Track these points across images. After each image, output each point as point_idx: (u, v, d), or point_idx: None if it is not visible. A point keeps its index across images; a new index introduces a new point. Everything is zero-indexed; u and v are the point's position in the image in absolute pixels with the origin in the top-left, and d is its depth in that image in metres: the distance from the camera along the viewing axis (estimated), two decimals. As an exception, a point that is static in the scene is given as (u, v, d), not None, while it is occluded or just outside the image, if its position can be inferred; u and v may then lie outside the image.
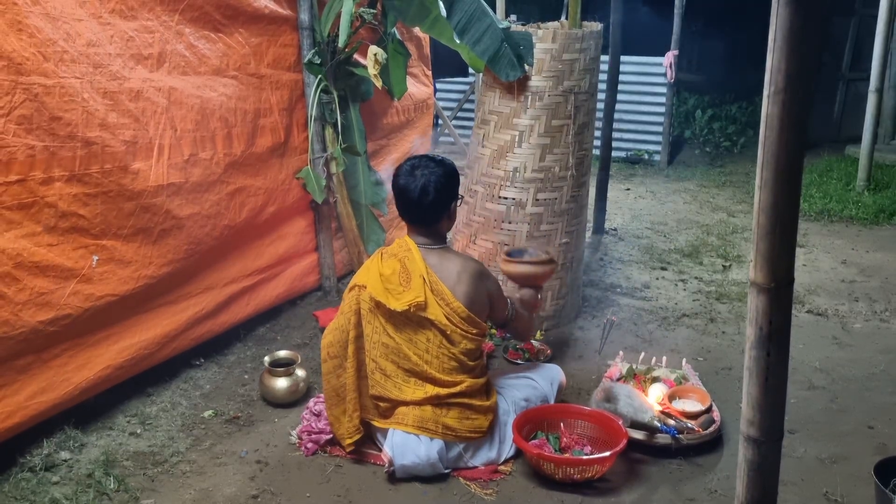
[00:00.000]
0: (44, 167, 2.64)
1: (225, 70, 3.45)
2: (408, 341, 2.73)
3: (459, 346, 2.74)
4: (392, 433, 2.75)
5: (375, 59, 3.74)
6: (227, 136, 3.44)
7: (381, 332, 2.74)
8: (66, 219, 2.74)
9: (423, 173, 2.77)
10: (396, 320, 2.72)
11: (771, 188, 1.45)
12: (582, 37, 3.65)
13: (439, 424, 2.72)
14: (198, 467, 2.79)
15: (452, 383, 2.74)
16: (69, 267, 2.76)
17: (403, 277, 2.75)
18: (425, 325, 2.72)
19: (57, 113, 2.66)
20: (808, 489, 2.68)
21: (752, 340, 1.55)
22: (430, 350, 2.73)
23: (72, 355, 2.85)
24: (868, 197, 6.39)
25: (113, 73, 2.88)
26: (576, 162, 3.77)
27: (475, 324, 2.78)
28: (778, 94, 1.39)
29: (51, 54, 2.63)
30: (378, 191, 4.34)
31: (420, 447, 2.70)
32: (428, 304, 2.70)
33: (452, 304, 2.72)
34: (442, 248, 2.84)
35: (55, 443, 2.81)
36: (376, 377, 2.76)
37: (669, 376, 3.26)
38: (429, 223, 2.82)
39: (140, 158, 3.00)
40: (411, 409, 2.73)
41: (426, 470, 2.71)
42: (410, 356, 2.72)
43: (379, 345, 2.75)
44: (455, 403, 2.74)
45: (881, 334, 3.96)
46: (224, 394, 3.31)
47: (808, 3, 1.35)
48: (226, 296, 3.57)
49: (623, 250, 5.27)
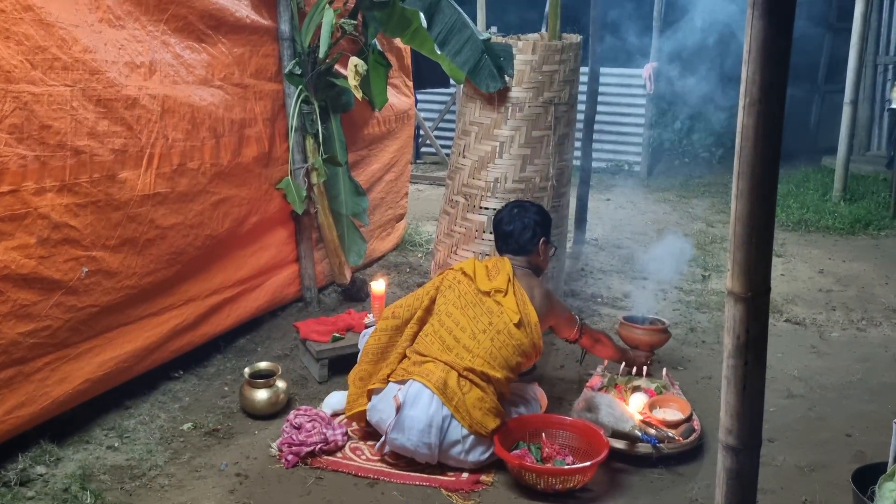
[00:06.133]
0: (36, 177, 2.61)
1: (210, 80, 3.44)
2: (471, 318, 2.95)
3: (518, 339, 2.91)
4: (411, 383, 2.82)
5: (356, 70, 3.75)
6: (215, 146, 3.42)
7: (450, 304, 3.00)
8: (58, 230, 2.71)
9: (511, 212, 3.23)
10: (471, 297, 3.00)
11: (747, 198, 1.47)
12: (561, 48, 3.68)
13: (456, 396, 2.78)
14: (176, 481, 2.76)
15: (491, 367, 2.86)
16: (57, 279, 2.73)
17: (493, 272, 3.08)
18: (496, 311, 2.95)
19: (46, 121, 2.63)
20: (788, 497, 2.69)
21: (730, 349, 1.56)
22: (488, 332, 2.92)
23: (53, 368, 2.82)
24: (844, 207, 6.48)
25: (110, 79, 2.86)
26: (556, 173, 3.80)
27: (538, 335, 2.98)
28: (753, 105, 1.41)
29: (39, 62, 2.60)
30: (359, 201, 4.33)
31: (431, 405, 2.76)
32: (507, 294, 2.98)
33: (528, 305, 2.99)
34: (527, 271, 3.17)
35: (30, 457, 2.77)
36: (427, 339, 2.95)
37: (650, 386, 3.27)
38: (521, 253, 3.18)
39: (128, 167, 2.97)
40: (439, 370, 2.82)
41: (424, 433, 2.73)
42: (467, 329, 2.92)
43: (443, 313, 2.99)
44: (480, 386, 2.83)
45: (858, 343, 4.00)
46: (203, 406, 3.28)
47: (782, 16, 1.37)
48: (207, 307, 3.54)
49: (604, 260, 5.30)
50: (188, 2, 3.27)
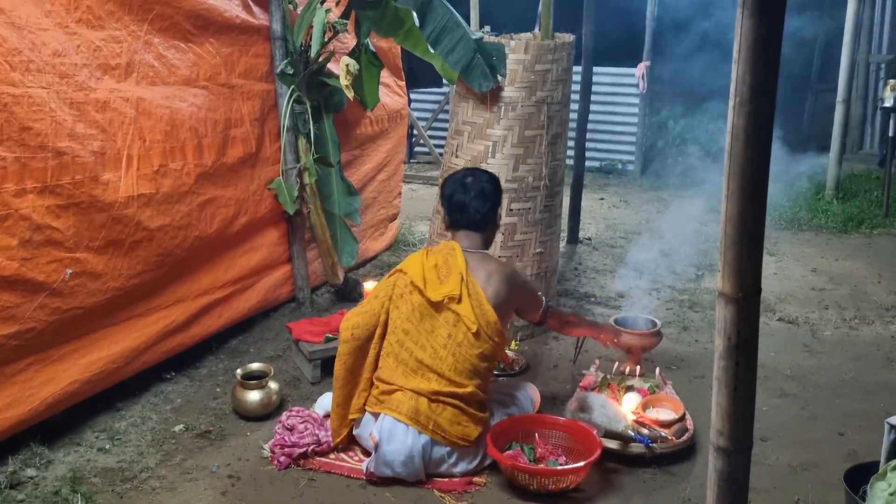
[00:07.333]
0: (16, 179, 2.60)
1: (195, 80, 3.42)
2: (429, 333, 2.79)
3: (480, 348, 2.79)
4: (383, 418, 2.75)
5: (347, 69, 3.74)
6: (197, 147, 3.41)
7: (405, 319, 2.81)
8: (40, 231, 2.69)
9: (473, 182, 2.95)
10: (424, 310, 2.80)
11: (737, 198, 1.46)
12: (554, 48, 3.68)
13: (431, 421, 2.72)
14: (168, 483, 2.74)
15: (459, 383, 2.76)
16: (40, 281, 2.71)
17: (444, 272, 2.86)
18: (452, 321, 2.78)
19: (27, 123, 2.61)
20: (780, 496, 2.69)
21: (721, 350, 1.55)
22: (448, 346, 2.78)
23: (37, 370, 2.80)
24: (837, 206, 6.49)
25: (79, 83, 2.84)
26: (549, 172, 3.79)
27: (499, 333, 2.83)
28: (743, 105, 1.41)
29: (17, 63, 2.59)
30: (351, 201, 4.32)
31: (407, 437, 2.70)
32: (462, 300, 2.78)
33: (484, 305, 2.79)
34: (482, 253, 2.95)
35: (21, 460, 2.75)
36: (388, 361, 2.82)
37: (643, 385, 3.27)
38: (478, 228, 2.95)
39: (109, 169, 2.96)
40: (407, 399, 2.73)
41: (407, 464, 2.69)
42: (426, 347, 2.78)
43: (399, 330, 2.81)
44: (452, 405, 2.75)
45: (851, 342, 4.01)
46: (195, 407, 3.26)
47: (772, 15, 1.37)
48: (197, 308, 3.53)
49: (597, 260, 5.29)
50: (175, 1, 3.25)
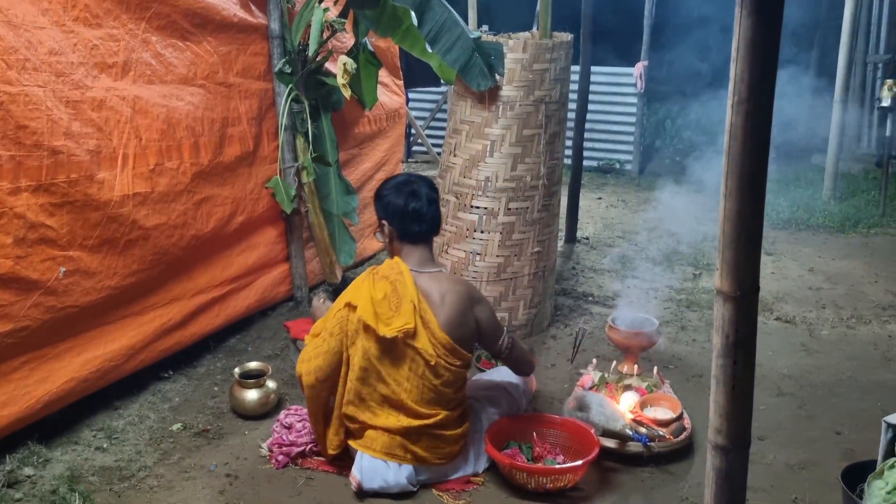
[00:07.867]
0: (11, 177, 2.59)
1: (192, 79, 3.42)
2: (389, 367, 2.64)
3: (442, 378, 2.66)
4: (361, 456, 2.69)
5: (345, 68, 3.73)
6: (193, 146, 3.40)
7: (361, 356, 2.63)
8: (34, 230, 2.69)
9: (421, 188, 2.75)
10: (380, 345, 2.62)
11: (735, 197, 1.46)
12: (552, 47, 3.68)
13: (408, 452, 2.67)
14: (166, 482, 2.74)
15: (427, 415, 2.66)
16: (34, 279, 2.70)
17: (394, 302, 2.64)
18: (409, 355, 2.63)
19: (22, 121, 2.61)
20: (778, 495, 2.70)
21: (719, 349, 1.56)
22: (411, 379, 2.64)
23: (32, 368, 2.79)
24: (834, 205, 6.50)
25: (75, 81, 2.84)
26: (547, 171, 3.79)
27: (459, 355, 2.67)
28: (741, 103, 1.41)
29: (13, 62, 2.59)
30: (349, 200, 4.31)
31: (388, 473, 2.65)
32: (417, 333, 2.61)
33: (437, 334, 2.62)
34: (434, 272, 2.75)
35: (18, 458, 2.75)
36: (354, 400, 2.69)
37: (641, 384, 3.28)
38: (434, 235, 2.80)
39: (105, 168, 2.95)
40: (380, 435, 2.67)
41: (396, 492, 2.68)
42: (389, 383, 2.64)
43: (358, 368, 2.64)
44: (426, 434, 2.68)
45: (848, 341, 4.01)
46: (193, 406, 3.26)
47: (770, 14, 1.37)
48: (194, 306, 3.52)
49: (595, 259, 5.30)
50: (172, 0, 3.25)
